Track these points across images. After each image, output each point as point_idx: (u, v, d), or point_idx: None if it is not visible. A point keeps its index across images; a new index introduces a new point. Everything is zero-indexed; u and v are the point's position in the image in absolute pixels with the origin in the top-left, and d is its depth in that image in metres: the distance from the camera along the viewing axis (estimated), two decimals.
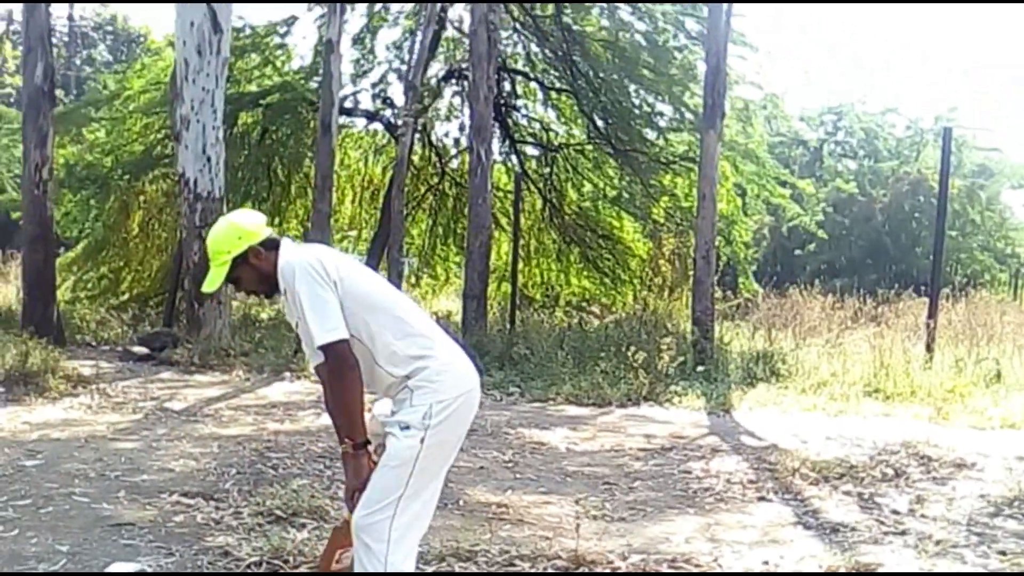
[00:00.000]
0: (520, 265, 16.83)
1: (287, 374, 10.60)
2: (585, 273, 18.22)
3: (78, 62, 26.25)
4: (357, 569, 3.17)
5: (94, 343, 13.05)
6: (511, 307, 14.39)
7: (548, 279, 18.65)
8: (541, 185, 17.74)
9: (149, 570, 4.24)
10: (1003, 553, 4.97)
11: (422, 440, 3.14)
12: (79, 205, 16.39)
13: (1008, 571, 4.66)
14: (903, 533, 5.30)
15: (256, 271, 3.29)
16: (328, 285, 3.11)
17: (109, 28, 30.58)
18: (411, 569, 3.19)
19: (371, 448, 3.27)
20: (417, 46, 14.77)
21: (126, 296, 15.95)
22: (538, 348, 11.51)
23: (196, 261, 11.73)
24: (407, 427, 3.15)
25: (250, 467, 6.25)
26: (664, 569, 4.50)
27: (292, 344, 11.80)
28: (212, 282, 3.34)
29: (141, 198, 15.88)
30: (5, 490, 5.45)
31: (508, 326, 13.46)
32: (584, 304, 17.82)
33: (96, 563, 4.31)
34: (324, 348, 3.11)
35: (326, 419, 8.01)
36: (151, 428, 7.55)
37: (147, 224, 16.12)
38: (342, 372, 3.15)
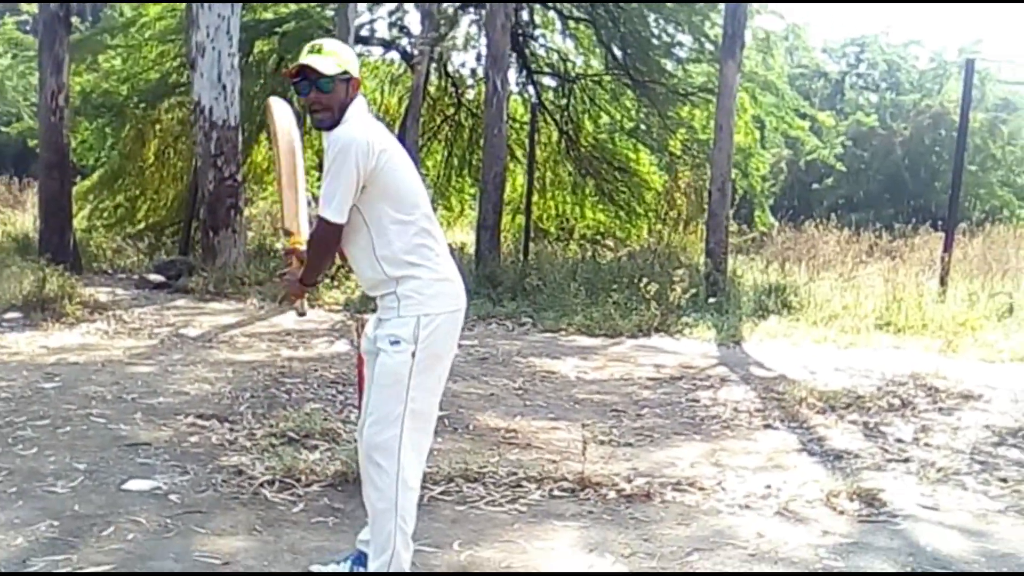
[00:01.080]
0: (535, 197, 16.79)
1: (306, 301, 10.64)
2: (600, 206, 18.12)
3: None
4: (370, 490, 3.22)
5: (110, 271, 13.19)
6: (524, 239, 14.40)
7: (563, 212, 18.56)
8: (558, 117, 17.58)
9: (164, 487, 4.34)
10: (1004, 480, 5.04)
11: (413, 354, 3.17)
12: (95, 133, 16.38)
13: None
14: (906, 460, 5.37)
15: (342, 99, 3.21)
16: (360, 171, 3.09)
17: None
18: (418, 484, 3.25)
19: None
20: None
21: (142, 225, 15.97)
22: (551, 279, 11.55)
23: (211, 189, 11.77)
24: (397, 341, 3.17)
25: (264, 391, 6.34)
26: (668, 492, 4.57)
27: None
28: (325, 67, 3.19)
29: (157, 126, 15.80)
30: (24, 411, 5.57)
31: (521, 258, 13.49)
32: (599, 237, 17.77)
33: (113, 479, 4.42)
34: (319, 219, 3.15)
35: (339, 346, 8.19)
36: (166, 353, 7.66)
37: (163, 153, 16.06)
38: (321, 248, 3.25)
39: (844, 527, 4.24)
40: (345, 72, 3.20)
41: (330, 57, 3.20)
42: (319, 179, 3.30)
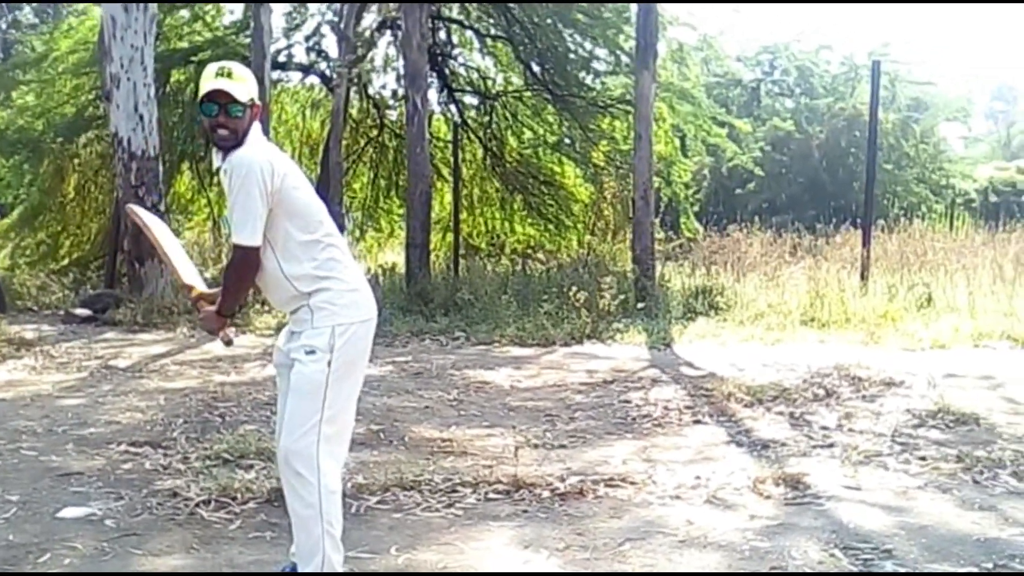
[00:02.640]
0: (464, 215, 16.90)
1: (232, 329, 10.56)
2: (529, 220, 18.27)
3: (4, 26, 25.63)
4: (292, 499, 3.26)
5: (35, 308, 12.93)
6: (454, 255, 14.50)
7: (493, 227, 18.68)
8: (481, 134, 17.72)
9: (99, 514, 4.32)
10: (923, 459, 5.23)
11: (329, 363, 3.23)
12: (12, 171, 16.12)
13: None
14: (830, 446, 5.55)
15: (245, 125, 3.25)
16: (266, 193, 3.15)
17: None
18: (339, 488, 3.30)
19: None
20: None
21: (66, 260, 15.72)
22: (482, 293, 11.63)
23: (134, 221, 11.64)
24: (312, 351, 3.23)
25: (197, 416, 6.32)
26: (600, 488, 4.68)
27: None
28: (239, 93, 3.23)
29: (75, 161, 15.59)
30: None
31: (453, 274, 13.56)
32: (529, 251, 17.92)
33: (46, 509, 4.39)
34: (234, 247, 3.21)
35: (271, 370, 8.13)
36: (96, 385, 7.58)
37: (83, 187, 15.86)
38: (241, 273, 3.28)
39: (770, 510, 4.38)
40: (251, 99, 3.27)
41: (240, 84, 3.25)
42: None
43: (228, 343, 3.55)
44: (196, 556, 3.83)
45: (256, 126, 3.30)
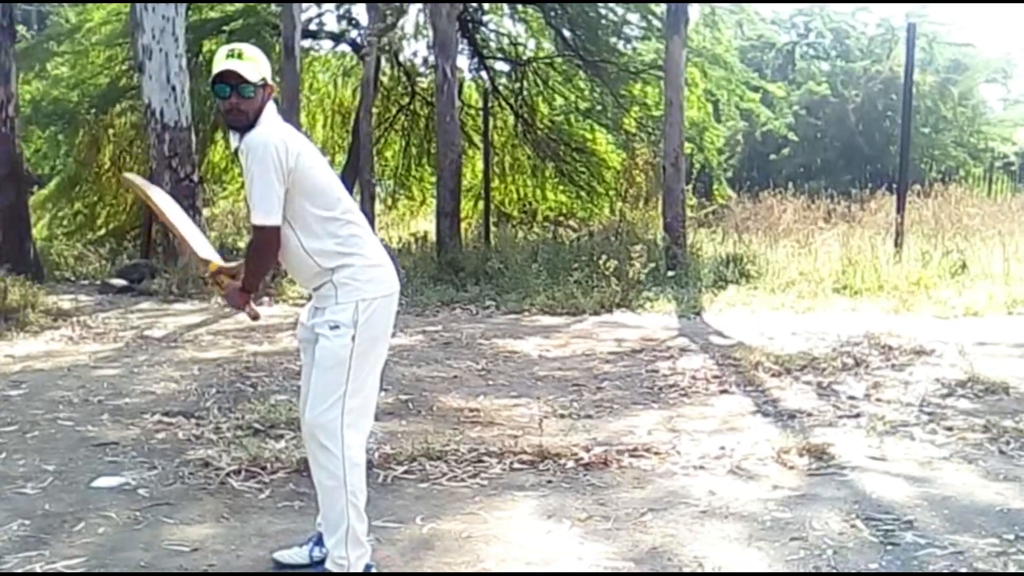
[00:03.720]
0: (496, 182, 16.90)
1: (265, 299, 10.73)
2: (561, 187, 18.27)
3: None
4: (318, 471, 3.32)
5: (73, 278, 13.16)
6: (485, 223, 14.52)
7: (524, 195, 18.69)
8: (512, 101, 17.70)
9: (133, 483, 4.43)
10: (950, 429, 5.22)
11: (353, 338, 3.28)
12: (48, 141, 16.32)
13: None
14: (857, 416, 5.54)
15: (258, 104, 3.29)
16: (282, 171, 3.19)
17: None
18: (363, 460, 3.36)
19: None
20: None
21: (102, 231, 15.95)
22: (512, 262, 11.67)
23: (168, 191, 11.69)
24: (336, 326, 3.28)
25: (230, 386, 6.43)
26: (625, 458, 4.72)
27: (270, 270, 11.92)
28: (249, 73, 3.27)
29: (110, 131, 15.76)
30: None
31: (484, 242, 13.60)
32: (561, 218, 17.92)
33: (82, 479, 4.50)
34: (254, 227, 3.25)
35: None
36: (132, 355, 7.71)
37: (118, 158, 16.01)
38: (262, 252, 3.32)
39: (793, 481, 4.40)
40: (263, 79, 3.30)
41: (251, 63, 3.28)
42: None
43: (255, 317, 3.61)
44: (226, 525, 3.91)
45: (270, 106, 3.33)
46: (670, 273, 11.14)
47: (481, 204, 16.67)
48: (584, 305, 9.84)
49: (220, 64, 3.27)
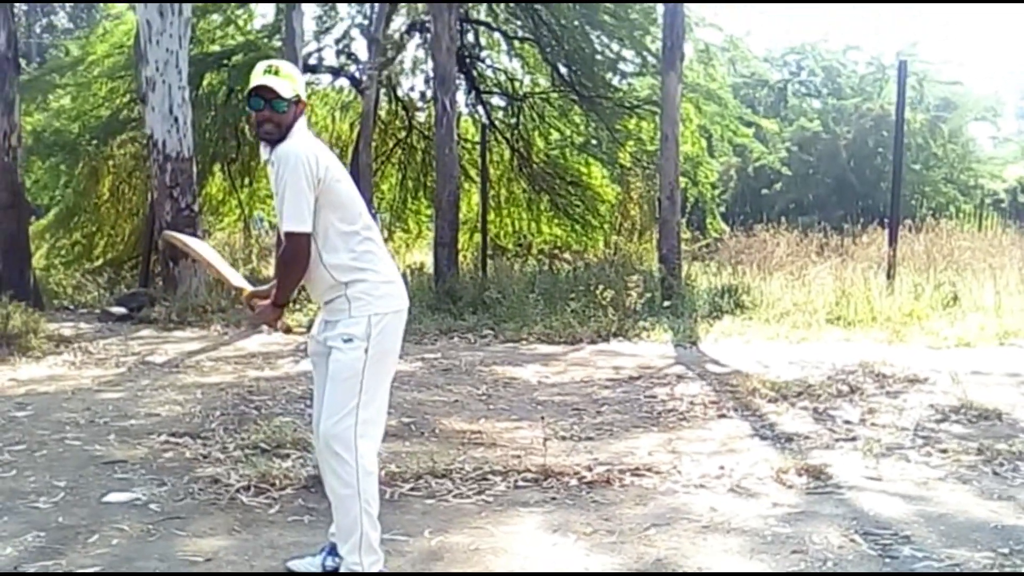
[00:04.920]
0: (491, 215, 17.04)
1: (264, 327, 10.79)
2: (556, 220, 18.44)
3: (38, 30, 26.05)
4: (332, 480, 3.41)
5: (72, 307, 13.22)
6: (482, 255, 14.64)
7: (520, 228, 18.85)
8: (509, 135, 17.90)
9: (144, 498, 4.50)
10: (945, 451, 5.32)
11: (366, 351, 3.39)
12: (48, 172, 16.41)
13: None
14: (853, 439, 5.64)
15: (290, 119, 3.41)
16: (312, 182, 3.31)
17: None
18: (376, 469, 3.45)
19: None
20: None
21: (100, 261, 16.05)
22: (509, 292, 11.78)
23: (169, 220, 11.88)
24: (350, 339, 3.39)
25: (233, 409, 6.50)
26: (627, 477, 4.81)
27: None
28: (283, 90, 3.39)
29: (110, 163, 15.90)
30: None
31: (480, 273, 13.72)
32: (556, 251, 18.06)
33: (93, 494, 4.57)
34: (286, 235, 3.35)
35: (305, 365, 8.33)
36: (135, 380, 7.78)
37: (117, 188, 16.17)
38: (293, 260, 3.40)
39: (792, 499, 4.50)
40: (296, 95, 3.43)
41: (286, 81, 3.42)
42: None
43: (287, 331, 3.74)
44: (238, 538, 3.99)
45: (301, 121, 3.46)
46: (666, 303, 11.26)
47: (476, 237, 16.82)
48: (581, 334, 9.95)
49: (257, 79, 3.40)
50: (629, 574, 3.56)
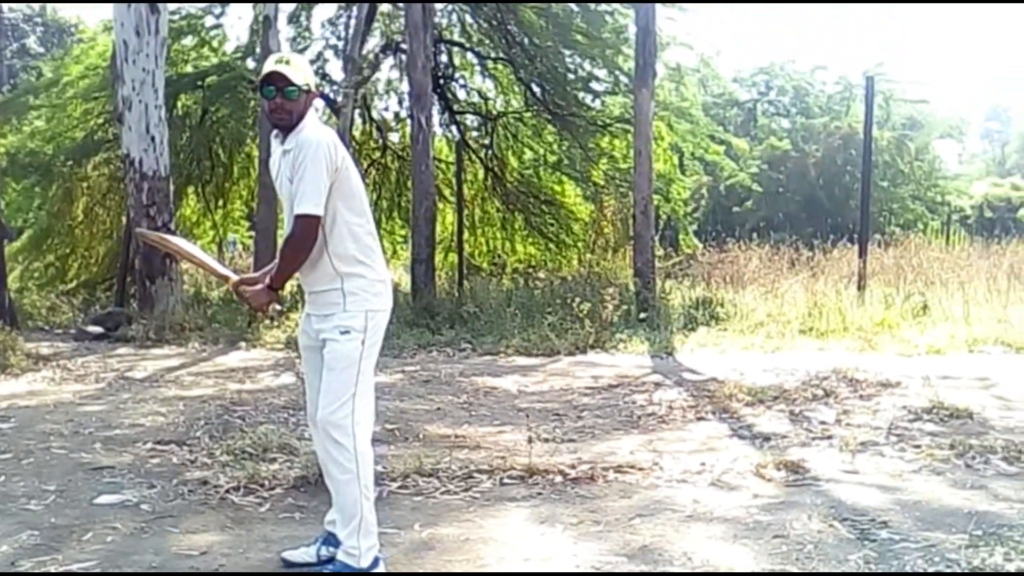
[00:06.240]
0: (466, 235, 17.13)
1: (242, 344, 10.85)
2: (530, 239, 18.55)
3: (9, 55, 25.99)
4: (331, 466, 3.49)
5: (46, 327, 13.17)
6: (459, 272, 14.73)
7: (494, 247, 18.95)
8: (482, 155, 18.03)
9: (134, 500, 4.55)
10: (918, 447, 5.46)
11: (362, 342, 3.50)
12: (23, 193, 16.37)
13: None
14: (829, 438, 5.77)
15: (301, 108, 3.51)
16: (330, 169, 3.43)
17: (39, 19, 30.32)
18: (371, 456, 3.54)
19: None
20: (353, 20, 14.97)
21: (74, 283, 15.99)
22: (486, 307, 11.88)
23: (146, 244, 11.87)
24: (347, 331, 3.49)
25: (217, 419, 6.54)
26: (610, 474, 4.90)
27: (245, 317, 12.06)
28: (294, 77, 3.48)
29: (84, 184, 15.89)
30: None
31: (457, 288, 13.81)
32: (530, 270, 18.15)
33: (83, 496, 4.61)
34: (299, 217, 3.42)
35: (285, 378, 8.39)
36: (115, 394, 7.79)
37: (91, 210, 16.13)
38: (302, 242, 3.47)
39: (772, 491, 4.61)
40: (307, 85, 3.53)
41: (296, 70, 3.53)
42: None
43: (280, 313, 3.82)
44: (231, 533, 4.05)
45: (313, 112, 3.56)
46: (642, 316, 11.40)
47: (451, 256, 16.92)
48: (559, 346, 10.05)
49: (268, 67, 3.52)
50: (616, 574, 3.63)
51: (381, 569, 3.51)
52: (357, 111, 16.96)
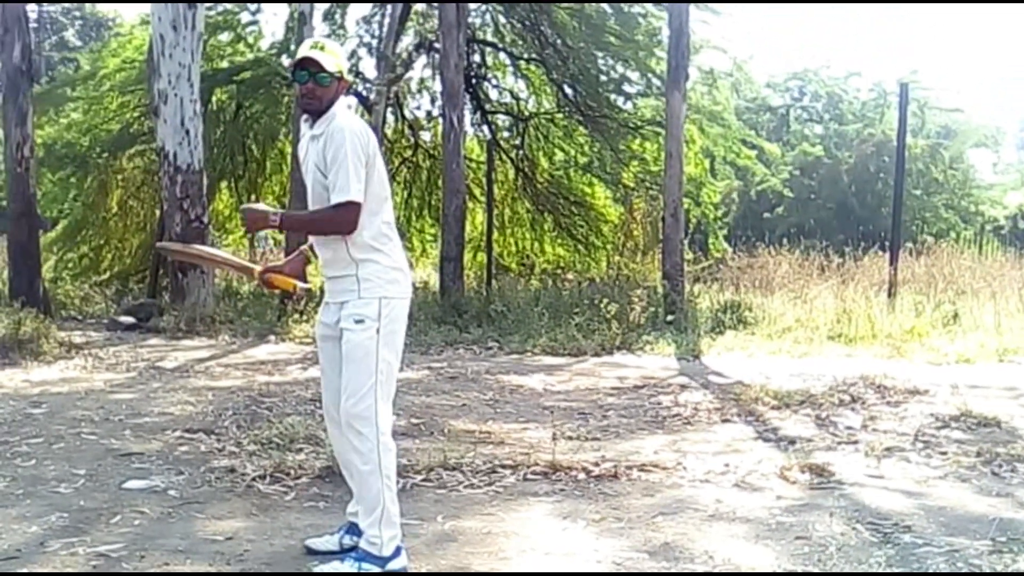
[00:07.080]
0: (495, 235, 17.19)
1: (272, 337, 10.95)
2: (559, 241, 18.57)
3: (48, 47, 26.32)
4: (354, 457, 3.52)
5: (80, 317, 13.33)
6: (488, 271, 14.78)
7: (523, 248, 18.98)
8: (513, 155, 18.08)
9: (162, 486, 4.61)
10: (944, 454, 5.43)
11: (377, 331, 3.51)
12: (59, 184, 16.60)
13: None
14: (855, 443, 5.75)
15: (332, 94, 3.54)
16: (365, 157, 3.48)
17: (77, 13, 30.73)
18: (394, 447, 3.56)
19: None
20: (387, 18, 15.06)
21: (107, 273, 16.19)
22: (514, 306, 11.91)
23: (179, 232, 12.01)
24: (361, 320, 3.51)
25: (245, 409, 6.61)
26: (633, 472, 4.91)
27: (275, 311, 12.17)
28: (327, 63, 3.52)
29: (119, 176, 16.08)
30: (17, 432, 5.81)
31: (485, 287, 13.85)
32: (559, 271, 18.17)
33: (112, 481, 4.69)
34: (344, 204, 3.43)
35: (313, 371, 8.45)
36: (146, 383, 7.89)
37: (125, 202, 16.34)
38: (339, 221, 3.48)
39: (796, 493, 4.61)
40: (340, 72, 3.57)
41: (330, 56, 3.57)
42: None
43: (300, 296, 3.88)
44: (256, 520, 4.10)
45: (343, 100, 3.60)
46: (669, 318, 11.38)
47: (480, 256, 16.97)
48: (585, 347, 10.06)
49: (302, 52, 3.56)
50: (632, 574, 3.64)
51: (403, 558, 3.54)
52: (389, 109, 17.04)
